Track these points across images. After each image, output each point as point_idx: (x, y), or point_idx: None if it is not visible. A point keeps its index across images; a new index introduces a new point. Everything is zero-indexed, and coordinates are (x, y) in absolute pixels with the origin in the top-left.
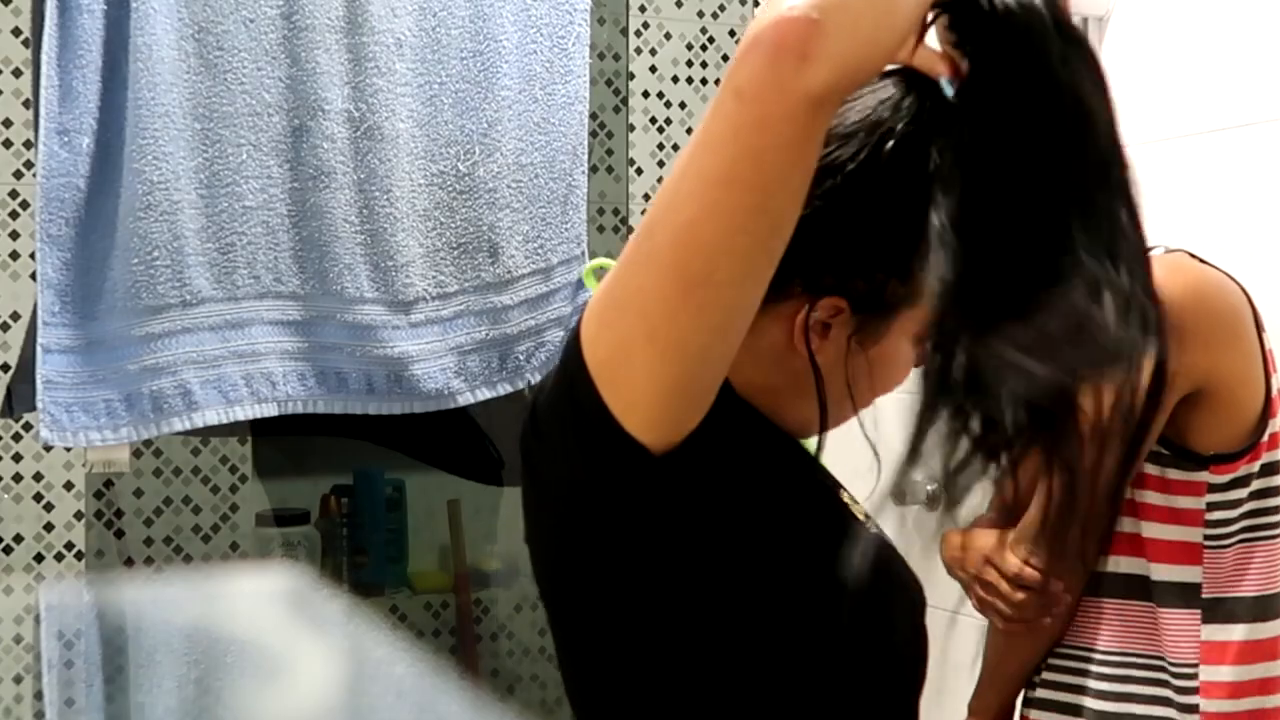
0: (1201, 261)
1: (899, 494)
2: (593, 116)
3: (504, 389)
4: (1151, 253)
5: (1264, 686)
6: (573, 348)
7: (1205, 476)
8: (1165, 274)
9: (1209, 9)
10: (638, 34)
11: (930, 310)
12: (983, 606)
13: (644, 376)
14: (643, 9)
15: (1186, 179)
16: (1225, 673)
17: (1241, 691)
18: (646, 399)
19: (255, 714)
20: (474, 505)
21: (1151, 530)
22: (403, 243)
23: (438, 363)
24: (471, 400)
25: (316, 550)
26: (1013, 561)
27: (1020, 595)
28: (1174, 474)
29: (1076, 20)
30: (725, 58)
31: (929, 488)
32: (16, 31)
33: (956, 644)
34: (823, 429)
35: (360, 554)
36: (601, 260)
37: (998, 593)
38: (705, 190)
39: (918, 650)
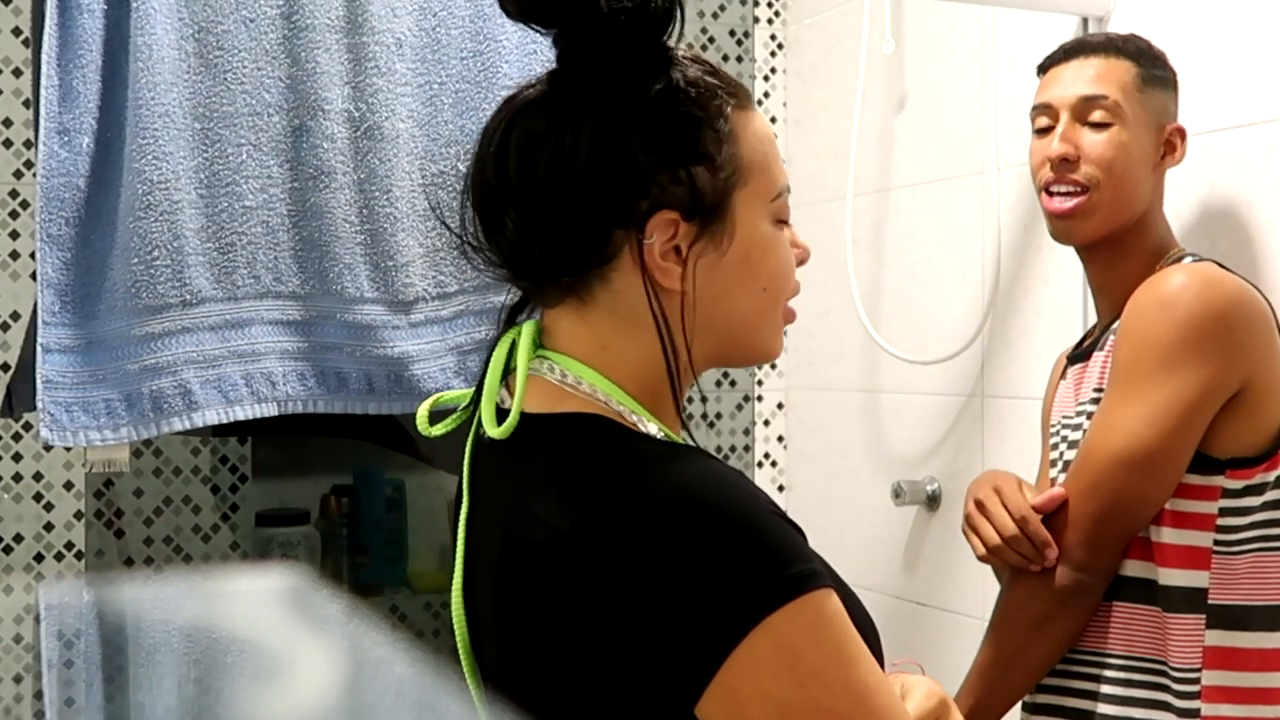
0: (1226, 270)
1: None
2: None
3: None
4: (1181, 261)
5: (1265, 695)
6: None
7: (1220, 481)
8: (1203, 288)
9: (1208, 9)
10: None
11: None
12: (967, 524)
13: None
14: None
15: (1186, 179)
16: (1229, 678)
17: (1244, 698)
18: None
19: (255, 714)
20: None
21: (1162, 534)
22: (403, 243)
23: (438, 363)
24: None
25: (316, 550)
26: (1020, 503)
27: (1014, 530)
28: (1189, 478)
29: (1076, 20)
30: (725, 58)
31: (929, 488)
32: (16, 31)
33: (959, 645)
34: (750, 350)
35: (360, 554)
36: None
37: (990, 517)
38: None
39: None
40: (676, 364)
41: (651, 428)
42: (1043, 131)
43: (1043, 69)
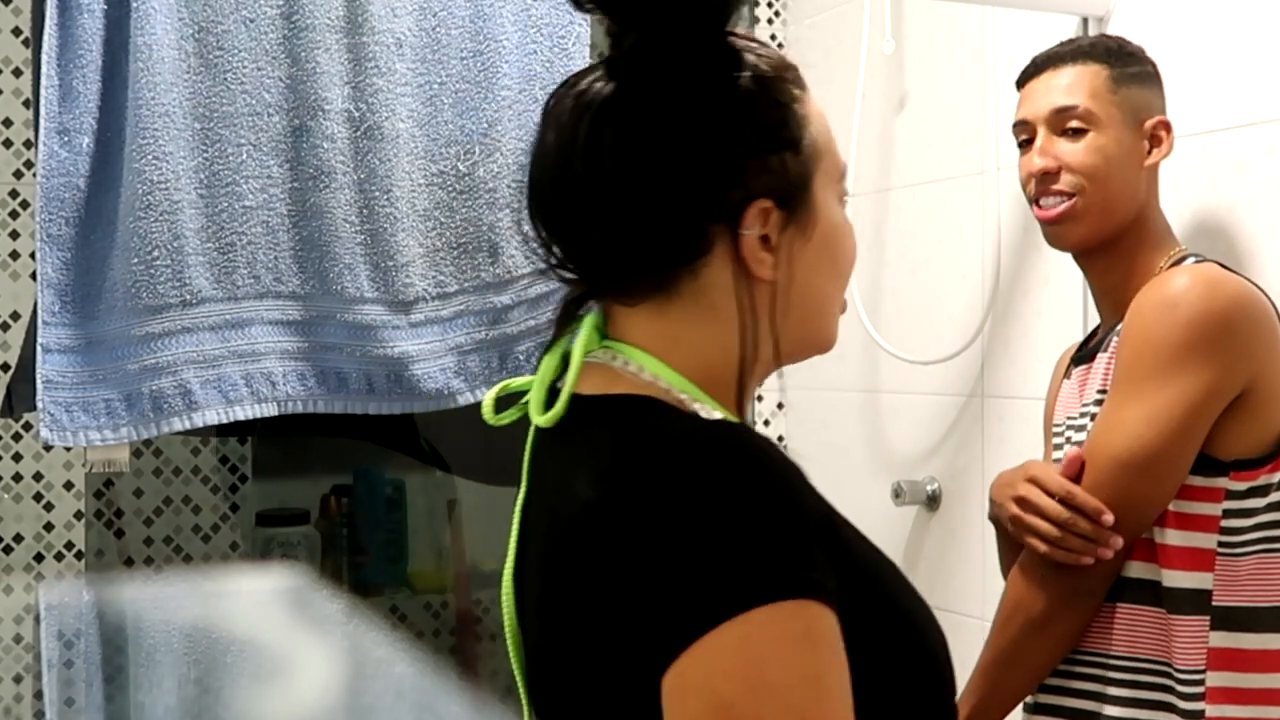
0: (1230, 271)
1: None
2: None
3: None
4: (1184, 262)
5: (1269, 696)
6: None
7: (1224, 483)
8: (1206, 289)
9: (1209, 9)
10: None
11: None
12: (1018, 527)
13: None
14: None
15: (1186, 179)
16: (1233, 679)
17: (1248, 699)
18: None
19: (255, 714)
20: (474, 505)
21: (1165, 535)
22: (403, 243)
23: (438, 363)
24: (471, 400)
25: (316, 550)
26: (1061, 481)
27: (1066, 513)
28: (1193, 480)
29: (1076, 20)
30: None
31: (929, 488)
32: (16, 31)
33: (959, 645)
34: (816, 340)
35: (360, 554)
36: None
37: (1038, 510)
38: None
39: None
40: (758, 355)
41: (714, 414)
42: (1024, 146)
43: (1019, 84)
